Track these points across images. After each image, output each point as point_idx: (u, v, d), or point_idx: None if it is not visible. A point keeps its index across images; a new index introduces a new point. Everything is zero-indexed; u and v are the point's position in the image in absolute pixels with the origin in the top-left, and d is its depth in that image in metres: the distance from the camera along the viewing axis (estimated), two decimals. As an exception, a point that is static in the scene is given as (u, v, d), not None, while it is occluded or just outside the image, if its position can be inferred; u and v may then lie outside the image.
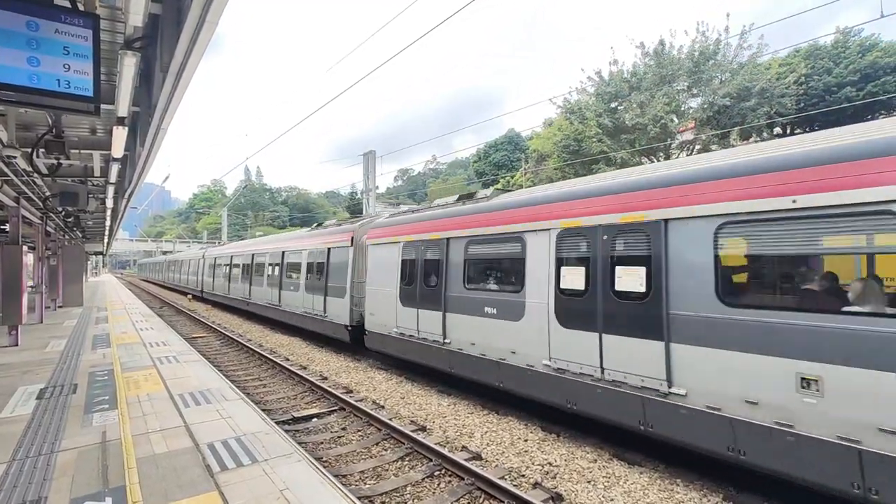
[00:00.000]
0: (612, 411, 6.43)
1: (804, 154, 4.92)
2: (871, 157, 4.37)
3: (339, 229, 15.26)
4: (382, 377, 11.32)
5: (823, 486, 4.53)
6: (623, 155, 28.22)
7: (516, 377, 7.97)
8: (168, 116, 5.13)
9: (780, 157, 5.11)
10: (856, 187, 4.39)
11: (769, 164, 5.15)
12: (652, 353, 5.89)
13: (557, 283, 7.30)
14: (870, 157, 4.38)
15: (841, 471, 4.38)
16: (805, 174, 4.77)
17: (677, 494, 5.51)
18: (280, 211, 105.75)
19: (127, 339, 12.91)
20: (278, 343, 16.35)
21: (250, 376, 11.79)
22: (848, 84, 28.70)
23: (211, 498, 4.08)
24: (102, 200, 13.19)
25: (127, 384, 7.98)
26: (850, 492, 4.34)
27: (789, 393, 4.68)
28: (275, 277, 18.95)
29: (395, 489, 5.80)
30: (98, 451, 5.13)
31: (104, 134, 8.65)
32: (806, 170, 4.78)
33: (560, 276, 7.27)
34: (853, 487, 4.31)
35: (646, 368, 5.97)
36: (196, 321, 22.57)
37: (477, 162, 64.34)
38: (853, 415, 4.30)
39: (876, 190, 4.26)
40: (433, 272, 10.08)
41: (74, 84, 3.57)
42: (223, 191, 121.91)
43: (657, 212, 6.00)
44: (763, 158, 5.28)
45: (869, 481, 4.21)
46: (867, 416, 4.21)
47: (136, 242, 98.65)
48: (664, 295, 5.80)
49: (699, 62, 26.58)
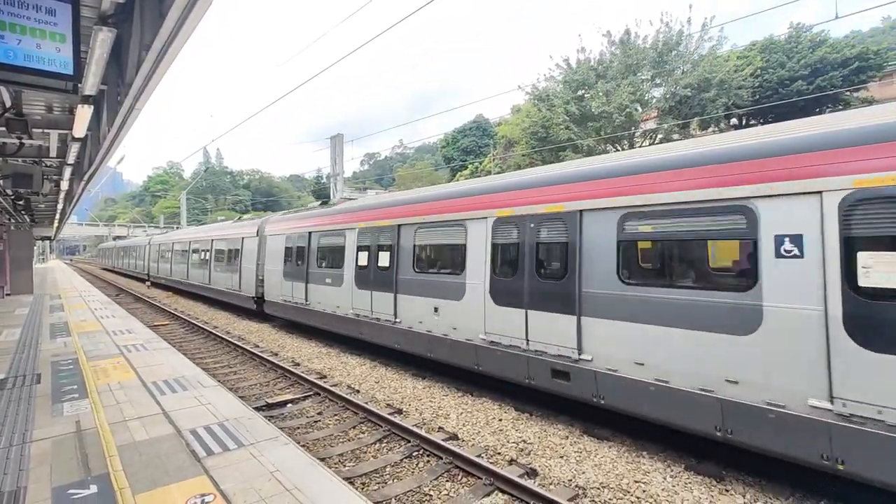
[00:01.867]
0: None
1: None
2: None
3: (250, 223, 19.54)
4: (356, 362, 11.37)
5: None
6: (589, 142, 28.79)
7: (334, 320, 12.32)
8: (145, 96, 4.95)
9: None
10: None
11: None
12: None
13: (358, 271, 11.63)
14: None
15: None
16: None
17: (643, 465, 5.88)
18: (242, 195, 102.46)
19: (87, 327, 12.43)
20: (246, 330, 16.10)
21: (219, 363, 11.60)
22: (799, 78, 30.12)
23: (201, 482, 4.10)
24: (57, 182, 12.52)
25: (95, 373, 7.75)
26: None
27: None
28: (206, 261, 22.53)
29: (375, 470, 5.94)
30: (74, 440, 5.03)
31: (61, 112, 8.22)
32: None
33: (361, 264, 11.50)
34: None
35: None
36: (157, 308, 21.87)
37: (445, 147, 64.16)
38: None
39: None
40: (299, 257, 14.24)
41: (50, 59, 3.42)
42: (180, 174, 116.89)
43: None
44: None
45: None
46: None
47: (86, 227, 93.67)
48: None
49: (663, 53, 27.31)
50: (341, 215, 12.57)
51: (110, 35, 4.08)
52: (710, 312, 5.35)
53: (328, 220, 13.10)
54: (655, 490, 5.26)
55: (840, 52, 29.79)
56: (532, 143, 34.74)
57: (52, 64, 3.47)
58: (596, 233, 6.58)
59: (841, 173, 4.50)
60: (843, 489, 5.00)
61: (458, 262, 8.78)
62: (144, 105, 5.41)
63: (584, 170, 7.16)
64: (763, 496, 5.14)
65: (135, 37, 4.45)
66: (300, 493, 3.99)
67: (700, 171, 5.57)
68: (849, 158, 4.49)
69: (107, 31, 4.03)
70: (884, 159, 4.28)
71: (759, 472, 5.55)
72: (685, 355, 5.55)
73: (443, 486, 5.54)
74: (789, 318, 4.75)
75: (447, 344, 8.86)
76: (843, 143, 4.60)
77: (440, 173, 62.74)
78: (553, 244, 7.24)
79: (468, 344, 8.40)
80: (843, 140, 4.62)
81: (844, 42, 31.41)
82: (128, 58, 4.85)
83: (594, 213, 6.63)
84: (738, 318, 5.12)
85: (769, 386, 4.88)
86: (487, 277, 8.13)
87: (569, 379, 6.83)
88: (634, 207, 6.13)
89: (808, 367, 4.63)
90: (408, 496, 5.30)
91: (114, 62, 5.47)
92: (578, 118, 29.38)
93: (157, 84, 4.79)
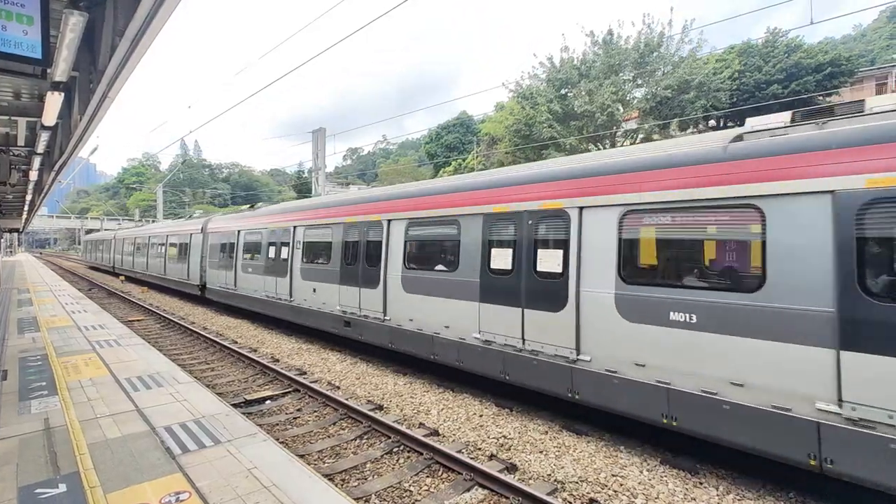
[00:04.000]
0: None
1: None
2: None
3: (197, 220, 22.51)
4: (336, 358, 11.28)
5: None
6: (572, 141, 29.02)
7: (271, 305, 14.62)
8: (119, 84, 4.78)
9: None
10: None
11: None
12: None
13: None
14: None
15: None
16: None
17: (621, 459, 5.98)
18: (221, 189, 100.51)
19: (58, 322, 12.06)
20: (224, 325, 15.82)
21: (196, 360, 11.38)
22: (775, 81, 30.86)
23: (175, 479, 4.01)
24: (26, 172, 12.08)
25: (65, 369, 7.52)
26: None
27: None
28: (161, 254, 25.15)
29: (355, 466, 5.91)
30: (42, 438, 4.87)
31: (30, 99, 7.93)
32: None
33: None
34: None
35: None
36: (131, 303, 21.34)
37: (429, 143, 63.88)
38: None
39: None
40: (231, 251, 17.09)
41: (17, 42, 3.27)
42: (157, 166, 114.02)
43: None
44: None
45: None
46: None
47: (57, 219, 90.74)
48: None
49: (644, 53, 27.64)
50: (256, 218, 16.01)
51: (82, 19, 3.92)
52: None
53: (252, 221, 16.26)
54: (632, 483, 5.35)
55: (814, 58, 30.60)
56: (515, 140, 34.85)
57: (19, 47, 3.32)
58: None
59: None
60: (812, 481, 5.16)
61: (326, 252, 12.07)
62: (118, 93, 5.24)
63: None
64: (735, 488, 5.27)
65: (108, 22, 4.30)
66: (278, 490, 3.94)
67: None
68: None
69: (78, 14, 3.87)
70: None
71: (732, 465, 5.68)
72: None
73: (423, 481, 5.54)
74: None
75: (304, 311, 12.78)
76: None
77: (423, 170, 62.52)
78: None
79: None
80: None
81: (818, 48, 32.29)
82: (101, 43, 4.69)
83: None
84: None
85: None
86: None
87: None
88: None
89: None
90: (388, 492, 5.28)
91: (86, 48, 5.28)
92: (561, 117, 29.56)
93: (131, 72, 4.63)
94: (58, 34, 4.10)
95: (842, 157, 4.51)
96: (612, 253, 6.14)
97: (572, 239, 6.57)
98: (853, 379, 4.30)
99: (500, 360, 7.54)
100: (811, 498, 5.07)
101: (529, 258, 7.15)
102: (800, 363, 4.58)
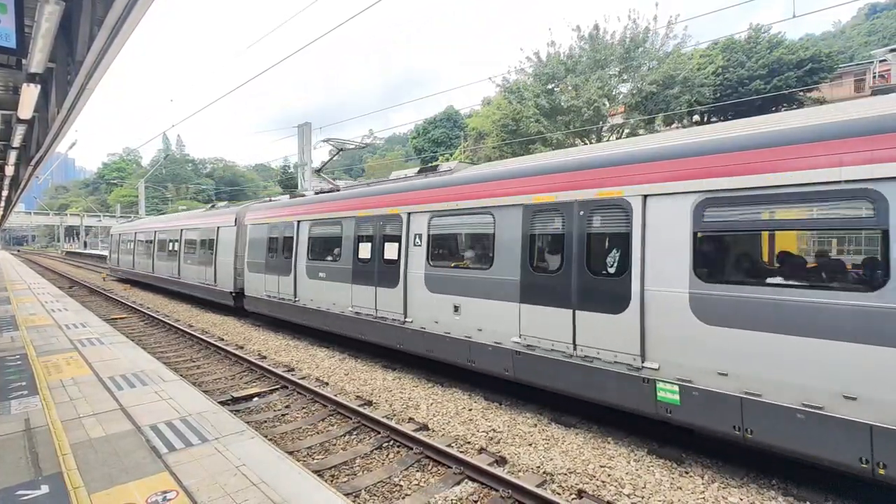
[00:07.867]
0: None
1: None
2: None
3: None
4: (324, 354, 11.22)
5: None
6: (558, 136, 29.15)
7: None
8: (98, 75, 4.65)
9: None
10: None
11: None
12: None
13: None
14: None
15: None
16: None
17: (609, 451, 6.04)
18: (205, 184, 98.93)
19: (38, 321, 11.80)
20: (209, 322, 15.63)
21: (182, 357, 11.23)
22: (758, 77, 31.32)
23: (162, 479, 3.95)
24: (1, 167, 11.77)
25: (46, 368, 7.36)
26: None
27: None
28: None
29: (345, 462, 5.89)
30: (23, 438, 4.76)
31: (5, 91, 7.71)
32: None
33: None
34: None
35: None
36: (114, 301, 20.93)
37: (416, 138, 63.70)
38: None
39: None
40: (287, 248, 13.08)
41: (-10, 34, 3.16)
42: (138, 161, 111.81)
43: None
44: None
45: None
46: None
47: (35, 216, 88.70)
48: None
49: (630, 49, 27.82)
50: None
51: (58, 8, 3.81)
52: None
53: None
54: (620, 474, 5.41)
55: (795, 54, 31.14)
56: (502, 135, 34.88)
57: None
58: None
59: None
60: (790, 470, 5.27)
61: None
62: (97, 85, 5.09)
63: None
64: (720, 477, 5.36)
65: (86, 10, 4.18)
66: (267, 487, 3.90)
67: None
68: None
69: (54, 3, 3.76)
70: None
71: (716, 455, 5.78)
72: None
73: (413, 476, 5.54)
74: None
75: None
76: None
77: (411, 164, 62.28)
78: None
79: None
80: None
81: (799, 44, 32.85)
82: (78, 33, 4.55)
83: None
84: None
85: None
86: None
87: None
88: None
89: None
90: (378, 487, 5.27)
91: (63, 38, 5.13)
92: (548, 111, 29.67)
93: (110, 63, 4.50)
94: (33, 24, 3.98)
95: None
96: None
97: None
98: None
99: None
100: (792, 485, 5.18)
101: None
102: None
